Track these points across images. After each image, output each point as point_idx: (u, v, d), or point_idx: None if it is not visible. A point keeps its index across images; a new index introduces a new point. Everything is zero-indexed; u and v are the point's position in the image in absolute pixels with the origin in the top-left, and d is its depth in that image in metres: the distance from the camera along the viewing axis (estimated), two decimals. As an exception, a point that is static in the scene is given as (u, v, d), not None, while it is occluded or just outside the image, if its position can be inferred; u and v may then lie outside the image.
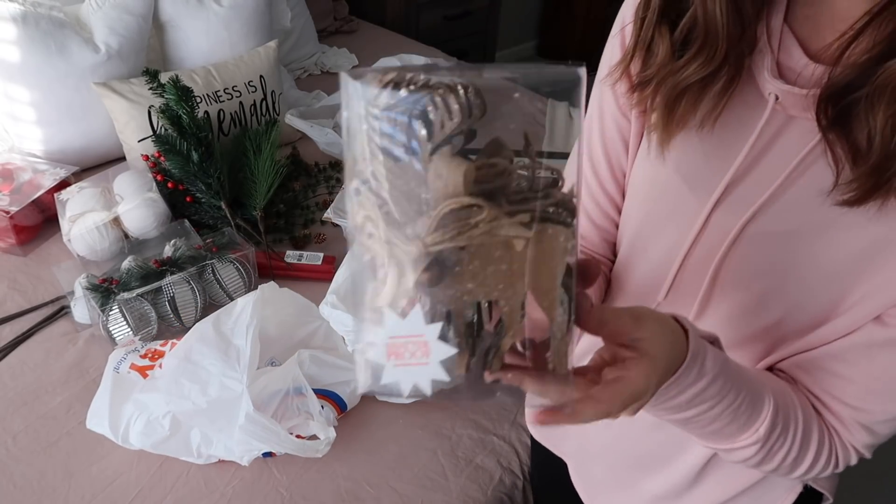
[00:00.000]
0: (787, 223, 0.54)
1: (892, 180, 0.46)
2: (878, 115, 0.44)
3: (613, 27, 0.63)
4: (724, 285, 0.59)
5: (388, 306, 0.37)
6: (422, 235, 0.36)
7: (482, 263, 0.36)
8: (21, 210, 1.45)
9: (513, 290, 0.37)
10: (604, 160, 0.67)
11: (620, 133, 0.65)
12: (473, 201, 0.35)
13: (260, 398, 1.02)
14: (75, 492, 1.03)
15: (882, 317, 0.52)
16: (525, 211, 0.36)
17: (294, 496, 1.03)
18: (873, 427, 0.55)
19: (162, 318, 1.27)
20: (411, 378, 0.37)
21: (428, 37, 2.77)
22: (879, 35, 0.45)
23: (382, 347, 0.37)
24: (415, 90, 0.35)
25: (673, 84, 0.54)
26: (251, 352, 1.03)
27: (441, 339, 0.37)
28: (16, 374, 1.21)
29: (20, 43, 1.53)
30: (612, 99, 0.64)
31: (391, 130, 0.35)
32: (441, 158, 0.35)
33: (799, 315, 0.56)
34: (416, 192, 0.36)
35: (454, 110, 0.35)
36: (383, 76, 0.35)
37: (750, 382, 0.52)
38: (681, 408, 0.49)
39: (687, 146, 0.58)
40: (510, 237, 0.36)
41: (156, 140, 1.50)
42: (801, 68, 0.51)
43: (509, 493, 1.09)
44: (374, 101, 0.36)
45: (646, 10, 0.55)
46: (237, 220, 1.48)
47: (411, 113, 0.35)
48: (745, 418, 0.52)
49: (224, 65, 1.73)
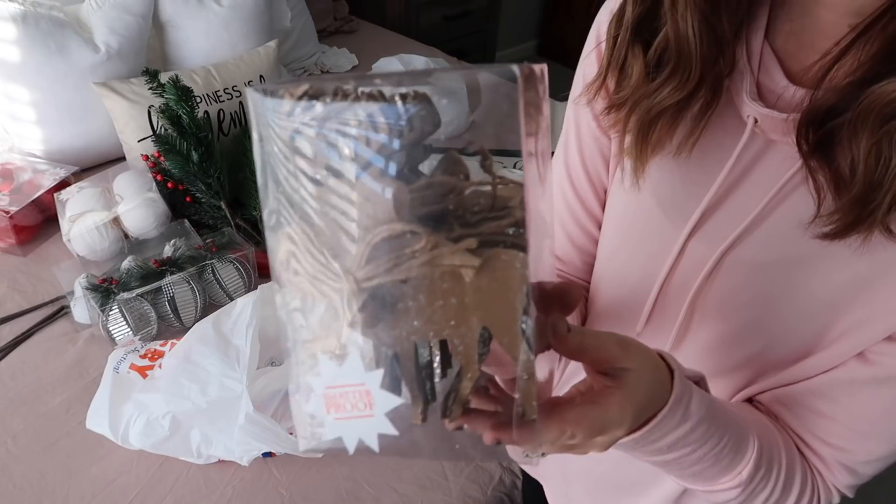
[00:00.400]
0: (765, 254, 0.51)
1: (875, 213, 0.42)
2: (862, 143, 0.41)
3: (587, 43, 0.60)
4: (702, 315, 0.57)
5: (321, 352, 0.32)
6: (352, 269, 0.31)
7: (428, 298, 0.31)
8: (21, 210, 1.45)
9: (466, 326, 0.32)
10: (585, 180, 0.64)
11: (601, 150, 0.62)
12: (407, 227, 0.30)
13: (260, 398, 1.02)
14: (75, 492, 1.03)
15: (865, 354, 0.49)
16: (473, 235, 0.31)
17: (294, 496, 1.03)
18: (856, 468, 0.53)
19: (162, 318, 1.27)
20: (355, 433, 0.32)
21: (428, 37, 2.76)
22: (864, 55, 0.42)
23: (321, 399, 0.32)
24: (333, 101, 0.30)
25: (647, 108, 0.51)
26: (251, 352, 1.03)
27: (386, 388, 0.32)
28: (16, 374, 1.21)
29: (20, 43, 1.53)
30: (590, 115, 0.61)
31: (309, 150, 0.31)
32: (369, 180, 0.30)
33: (778, 348, 0.54)
34: (342, 219, 0.31)
35: (380, 124, 0.30)
36: (295, 89, 0.30)
37: (735, 424, 0.50)
38: (662, 451, 0.46)
39: (664, 169, 0.55)
40: (455, 266, 0.31)
41: (156, 140, 1.50)
42: (782, 90, 0.48)
43: (509, 493, 1.09)
44: (287, 118, 0.31)
45: (618, 27, 0.52)
46: (237, 220, 1.48)
47: (332, 128, 0.30)
48: (727, 461, 0.50)
49: (224, 65, 1.73)
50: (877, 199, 0.42)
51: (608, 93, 0.56)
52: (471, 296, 0.32)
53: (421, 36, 2.78)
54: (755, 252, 0.52)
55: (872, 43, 0.42)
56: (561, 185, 0.66)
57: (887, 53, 0.42)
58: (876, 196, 0.42)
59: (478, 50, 3.29)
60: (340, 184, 0.31)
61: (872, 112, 0.40)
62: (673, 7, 0.48)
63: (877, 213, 0.42)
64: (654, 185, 0.56)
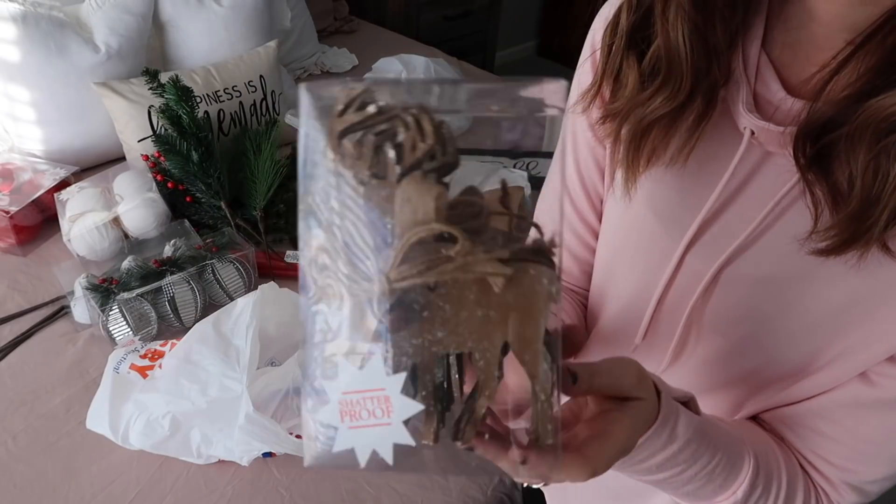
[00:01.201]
0: (763, 268, 0.50)
1: (872, 230, 0.41)
2: (859, 157, 0.41)
3: (583, 52, 0.59)
4: (700, 330, 0.56)
5: (342, 355, 0.32)
6: (385, 270, 0.31)
7: (454, 308, 0.31)
8: (21, 210, 1.45)
9: (489, 340, 0.32)
10: (580, 189, 0.64)
11: (595, 160, 0.62)
12: (447, 229, 0.30)
13: (260, 398, 1.02)
14: (75, 492, 1.03)
15: (868, 374, 0.49)
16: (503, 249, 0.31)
17: (294, 496, 1.03)
18: (863, 487, 0.52)
19: (162, 318, 1.27)
20: (369, 442, 0.32)
21: (428, 37, 2.77)
22: (863, 68, 0.42)
23: (335, 406, 0.31)
24: (384, 108, 0.31)
25: (639, 117, 0.50)
26: (251, 352, 1.03)
27: (405, 394, 0.31)
28: (16, 374, 1.21)
29: (20, 43, 1.53)
30: (586, 125, 0.60)
31: (355, 151, 0.31)
32: (411, 183, 0.31)
33: (776, 364, 0.53)
34: (380, 220, 0.31)
35: (427, 132, 0.31)
36: (349, 91, 0.31)
37: (728, 444, 0.49)
38: (651, 471, 0.46)
39: (660, 181, 0.54)
40: (487, 274, 0.31)
41: (156, 140, 1.50)
42: (779, 102, 0.47)
43: (509, 494, 1.09)
44: (336, 119, 0.31)
45: (612, 36, 0.51)
46: (237, 220, 1.48)
47: (379, 132, 0.31)
48: (721, 480, 0.49)
49: (224, 65, 1.73)
50: (874, 216, 0.41)
51: (603, 102, 0.55)
52: (496, 310, 0.31)
53: (421, 36, 2.78)
54: (753, 266, 0.51)
55: (870, 56, 0.42)
56: (558, 194, 0.66)
57: (884, 67, 0.41)
58: (873, 212, 0.41)
59: (478, 50, 3.29)
60: (384, 185, 0.31)
61: (870, 126, 0.40)
62: (664, 16, 0.47)
63: (874, 230, 0.41)
64: (650, 196, 0.56)
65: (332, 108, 0.32)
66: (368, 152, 0.31)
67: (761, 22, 0.49)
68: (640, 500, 0.69)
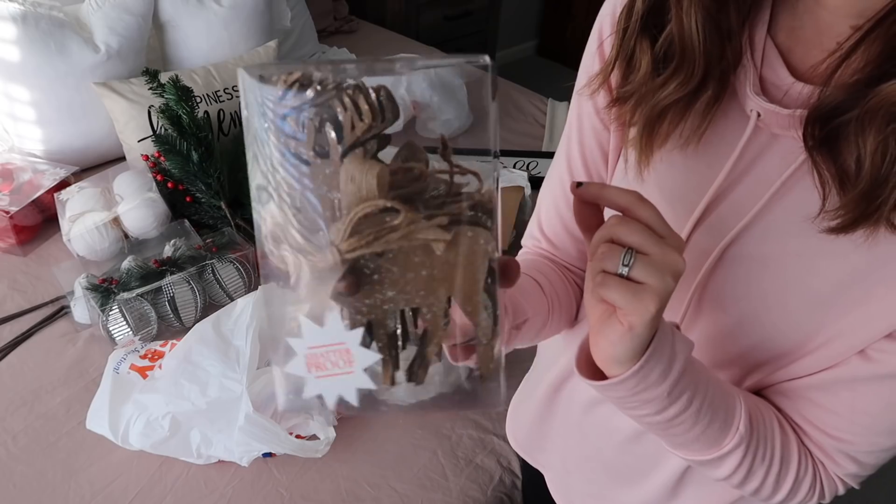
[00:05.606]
0: (768, 247, 0.52)
1: (881, 209, 0.43)
2: (869, 140, 0.42)
3: (590, 41, 0.61)
4: (705, 307, 0.58)
5: (304, 316, 0.35)
6: (336, 242, 0.34)
7: (401, 270, 0.35)
8: (21, 210, 1.45)
9: (435, 296, 0.36)
10: (583, 171, 0.65)
11: (599, 144, 0.63)
12: (389, 204, 0.34)
13: (260, 399, 1.02)
14: (75, 492, 1.03)
15: (866, 351, 0.50)
16: (443, 214, 0.35)
17: (294, 496, 1.03)
18: (858, 457, 0.54)
19: (162, 319, 1.27)
20: (335, 389, 0.36)
21: (428, 37, 2.77)
22: (871, 54, 0.43)
23: (302, 359, 0.35)
24: (322, 90, 0.33)
25: (654, 103, 0.52)
26: (251, 352, 1.03)
27: (363, 346, 0.35)
28: (16, 374, 1.21)
29: (20, 43, 1.53)
30: (592, 109, 0.61)
31: (298, 132, 0.34)
32: (353, 161, 0.34)
33: (777, 342, 0.54)
34: (327, 196, 0.34)
35: (364, 111, 0.33)
36: (287, 76, 0.34)
37: (719, 384, 0.52)
38: (662, 400, 0.48)
39: (668, 161, 0.56)
40: (429, 240, 0.35)
41: (156, 140, 1.50)
42: (787, 86, 0.49)
43: (509, 493, 1.09)
44: (278, 102, 0.34)
45: (627, 20, 0.53)
46: (237, 220, 1.48)
47: (319, 114, 0.33)
48: (721, 419, 0.51)
49: (224, 65, 1.73)
50: (883, 195, 0.43)
51: (611, 87, 0.57)
52: (439, 269, 0.36)
53: (421, 36, 2.78)
54: (758, 244, 0.53)
55: (878, 42, 0.43)
56: (561, 176, 0.67)
57: (894, 53, 0.43)
58: (882, 192, 0.43)
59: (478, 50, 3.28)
60: (327, 164, 0.34)
61: (881, 110, 0.41)
62: (678, 3, 0.48)
63: (883, 209, 0.43)
64: (659, 176, 0.57)
65: (272, 91, 0.34)
66: (311, 133, 0.34)
67: (768, 6, 0.51)
68: (641, 479, 0.70)
